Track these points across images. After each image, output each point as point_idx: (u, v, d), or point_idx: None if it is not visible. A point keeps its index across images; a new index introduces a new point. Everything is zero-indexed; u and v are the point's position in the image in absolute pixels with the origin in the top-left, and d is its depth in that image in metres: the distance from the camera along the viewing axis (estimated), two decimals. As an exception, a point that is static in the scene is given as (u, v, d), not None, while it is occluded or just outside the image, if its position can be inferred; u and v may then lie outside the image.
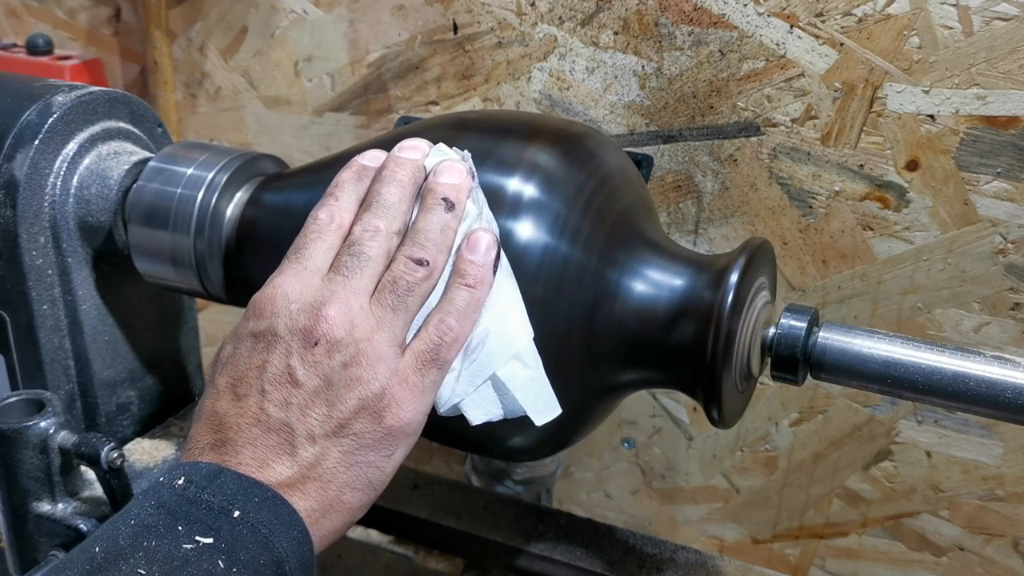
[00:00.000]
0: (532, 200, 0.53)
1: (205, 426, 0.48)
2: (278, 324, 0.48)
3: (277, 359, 0.47)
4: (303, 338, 0.47)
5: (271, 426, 0.47)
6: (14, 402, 0.60)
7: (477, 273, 0.50)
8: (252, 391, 0.47)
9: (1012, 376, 0.50)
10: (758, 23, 0.77)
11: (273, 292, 0.49)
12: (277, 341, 0.48)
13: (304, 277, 0.49)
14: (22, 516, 0.60)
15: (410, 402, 0.48)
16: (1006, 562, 0.84)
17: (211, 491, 0.44)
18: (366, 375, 0.47)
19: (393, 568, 0.90)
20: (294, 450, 0.46)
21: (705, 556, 0.74)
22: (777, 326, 0.56)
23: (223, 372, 0.49)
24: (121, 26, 1.09)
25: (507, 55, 0.88)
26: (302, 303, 0.48)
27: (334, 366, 0.47)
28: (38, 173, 0.63)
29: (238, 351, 0.49)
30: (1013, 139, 0.72)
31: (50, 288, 0.65)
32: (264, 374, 0.47)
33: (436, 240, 0.50)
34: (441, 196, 0.51)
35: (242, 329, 0.50)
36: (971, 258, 0.77)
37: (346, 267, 0.49)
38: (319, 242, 0.51)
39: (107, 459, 0.58)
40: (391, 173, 0.52)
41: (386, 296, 0.49)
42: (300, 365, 0.47)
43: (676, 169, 0.84)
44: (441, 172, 0.52)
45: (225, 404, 0.48)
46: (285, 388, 0.47)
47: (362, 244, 0.50)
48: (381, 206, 0.51)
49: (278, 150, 1.00)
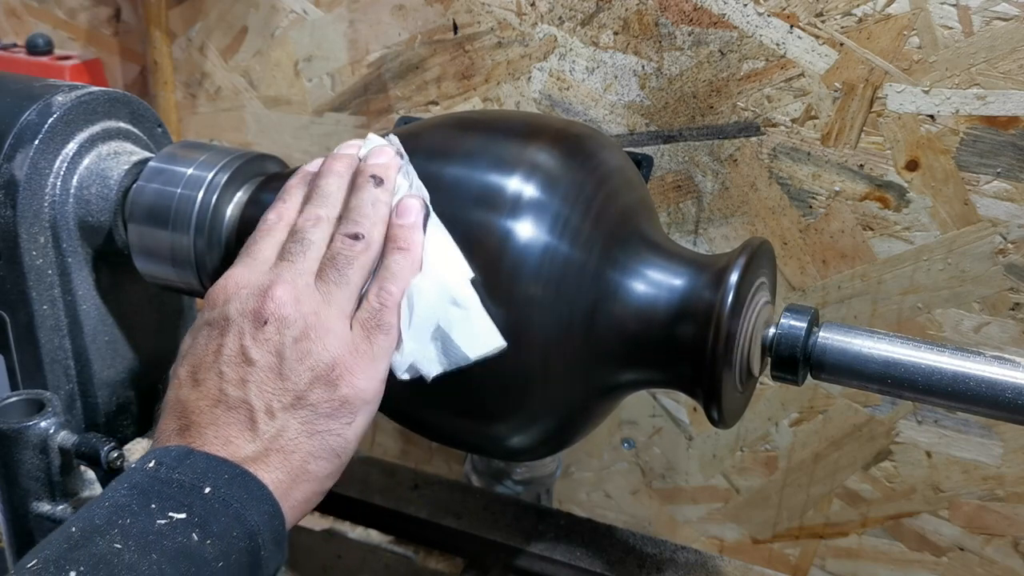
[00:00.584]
0: (532, 200, 0.53)
1: (170, 415, 0.50)
2: (230, 309, 0.51)
3: (231, 341, 0.50)
4: (254, 319, 0.50)
5: (231, 405, 0.49)
6: (14, 402, 0.60)
7: (407, 236, 0.53)
8: (210, 375, 0.50)
9: (1012, 376, 0.50)
10: (758, 23, 0.77)
11: (224, 283, 0.52)
12: (230, 325, 0.50)
13: (253, 267, 0.52)
14: (22, 516, 0.60)
15: (363, 369, 0.50)
16: (1006, 562, 0.84)
17: (181, 471, 0.46)
18: (316, 347, 0.50)
19: (393, 568, 0.90)
20: (255, 425, 0.48)
21: (705, 556, 0.74)
22: (777, 326, 0.56)
23: (183, 363, 0.52)
24: (121, 26, 1.09)
25: (507, 55, 0.88)
26: (251, 288, 0.51)
27: (285, 341, 0.49)
28: (38, 173, 0.63)
29: (196, 341, 0.52)
30: (1013, 139, 0.72)
31: (50, 288, 0.65)
32: (220, 357, 0.50)
33: (369, 214, 0.53)
34: (370, 174, 0.55)
35: (199, 321, 0.53)
36: (971, 258, 0.77)
37: (290, 253, 0.52)
38: (268, 238, 0.54)
39: (107, 459, 0.58)
40: (328, 167, 0.57)
41: (329, 273, 0.52)
42: (252, 344, 0.49)
43: (676, 169, 0.84)
44: (369, 156, 0.56)
45: (186, 391, 0.50)
46: (241, 367, 0.49)
47: (304, 232, 0.53)
48: (320, 196, 0.55)
49: (278, 150, 1.00)
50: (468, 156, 0.56)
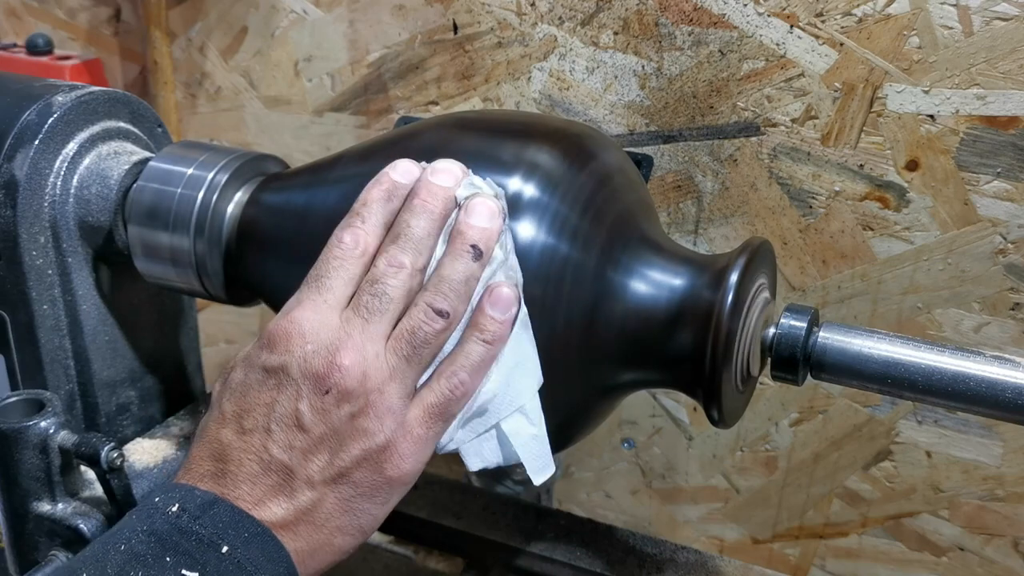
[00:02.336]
0: (532, 200, 0.53)
1: (207, 451, 0.48)
2: (291, 364, 0.47)
3: (286, 400, 0.47)
4: (315, 384, 0.47)
5: (272, 466, 0.47)
6: (14, 402, 0.60)
7: (496, 330, 0.49)
8: (258, 427, 0.47)
9: (1012, 376, 0.50)
10: (758, 23, 0.77)
11: (289, 327, 0.48)
12: (289, 382, 0.47)
13: (323, 312, 0.48)
14: (22, 516, 0.60)
15: (412, 454, 0.48)
16: (1006, 562, 0.84)
17: (203, 522, 0.44)
18: (373, 427, 0.47)
19: (393, 568, 0.90)
20: (292, 493, 0.47)
21: (705, 556, 0.74)
22: (777, 326, 0.56)
23: (231, 399, 0.49)
24: (121, 26, 1.09)
25: (507, 55, 0.88)
26: (317, 344, 0.47)
27: (342, 416, 0.47)
28: (38, 173, 0.63)
29: (248, 381, 0.49)
30: (1013, 139, 0.73)
31: (50, 288, 0.65)
32: (272, 413, 0.47)
33: (459, 291, 0.49)
34: (470, 243, 0.49)
35: (255, 358, 0.49)
36: (971, 258, 0.77)
37: (366, 308, 0.48)
38: (341, 271, 0.49)
39: (107, 459, 0.58)
40: (423, 203, 0.50)
41: (402, 345, 0.48)
42: (308, 411, 0.47)
43: (676, 169, 0.84)
44: (473, 212, 0.50)
45: (230, 434, 0.48)
46: (291, 431, 0.47)
47: (385, 283, 0.49)
48: (409, 239, 0.49)
49: (278, 150, 1.00)
50: (468, 156, 0.56)
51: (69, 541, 0.60)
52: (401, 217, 0.50)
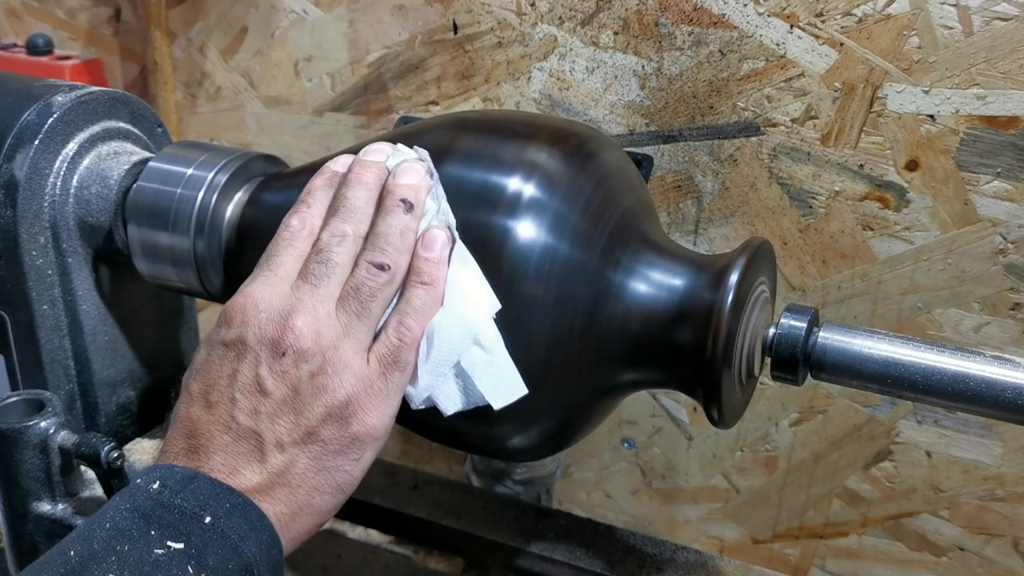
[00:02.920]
0: (532, 200, 0.53)
1: (179, 431, 0.50)
2: (247, 333, 0.49)
3: (246, 368, 0.49)
4: (271, 348, 0.49)
5: (241, 434, 0.48)
6: (14, 402, 0.60)
7: (432, 271, 0.51)
8: (223, 399, 0.49)
9: (1012, 376, 0.50)
10: (758, 23, 0.77)
11: (244, 301, 0.50)
12: (246, 351, 0.49)
13: (274, 284, 0.51)
14: (22, 516, 0.60)
15: (376, 407, 0.50)
16: (1006, 562, 0.84)
17: (184, 496, 0.45)
18: (332, 383, 0.49)
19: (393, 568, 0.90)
20: (264, 457, 0.48)
21: (705, 556, 0.74)
22: (777, 326, 0.56)
23: (196, 378, 0.51)
24: (121, 26, 1.09)
25: (507, 55, 0.88)
26: (270, 312, 0.50)
27: (301, 375, 0.48)
28: (38, 173, 0.63)
29: (210, 358, 0.51)
30: (1013, 139, 0.73)
31: (50, 288, 0.65)
32: (234, 383, 0.49)
33: (396, 243, 0.51)
34: (400, 197, 0.52)
35: (214, 336, 0.51)
36: (971, 258, 0.77)
37: (314, 275, 0.51)
38: (290, 249, 0.52)
39: (107, 459, 0.58)
40: (356, 176, 0.54)
41: (350, 303, 0.50)
42: (268, 375, 0.49)
43: (676, 169, 0.84)
44: (400, 173, 0.54)
45: (197, 411, 0.49)
46: (254, 397, 0.48)
47: (329, 251, 0.51)
48: (348, 210, 0.53)
49: (278, 150, 1.00)
50: (468, 156, 0.56)
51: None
52: (339, 192, 0.54)
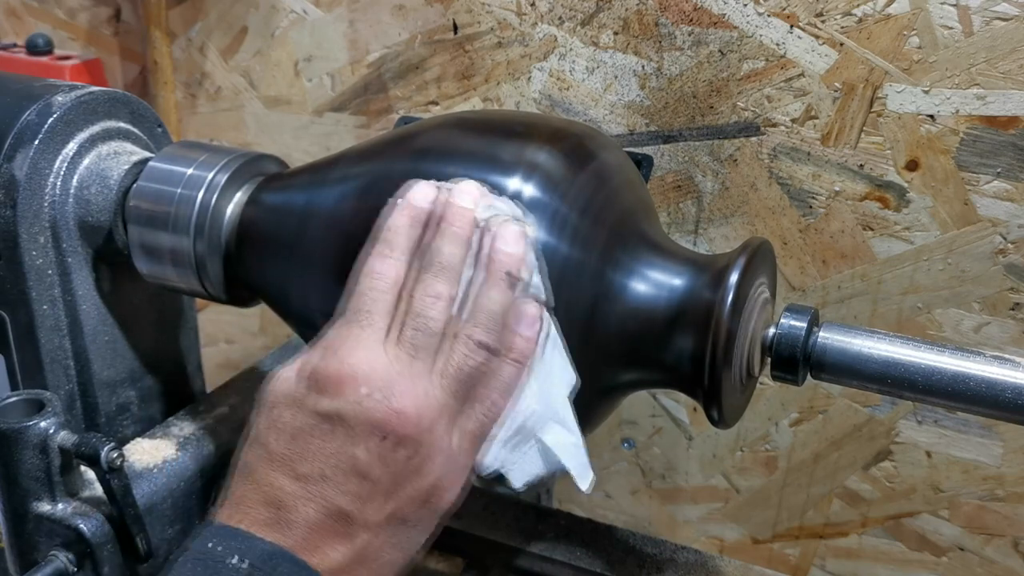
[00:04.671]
0: (532, 200, 0.53)
1: (260, 495, 0.47)
2: (347, 410, 0.46)
3: (343, 447, 0.46)
4: (371, 429, 0.46)
5: (331, 513, 0.46)
6: (14, 402, 0.60)
7: (524, 348, 0.49)
8: (314, 474, 0.47)
9: (1012, 376, 0.50)
10: (758, 23, 0.77)
11: (340, 369, 0.47)
12: (344, 428, 0.47)
13: (370, 350, 0.47)
14: (22, 516, 0.60)
15: (456, 483, 0.49)
16: (1006, 562, 0.84)
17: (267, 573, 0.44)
18: (425, 468, 0.47)
19: (393, 568, 0.90)
20: (350, 537, 0.47)
21: (705, 556, 0.74)
22: (777, 326, 0.56)
23: (281, 441, 0.47)
24: (121, 26, 1.09)
25: (507, 55, 0.88)
26: (371, 387, 0.46)
27: (398, 459, 0.47)
28: (38, 173, 0.63)
29: (300, 425, 0.47)
30: (1013, 139, 0.72)
31: (50, 288, 0.65)
32: (329, 459, 0.47)
33: (499, 321, 0.49)
34: (506, 270, 0.49)
35: (306, 401, 0.47)
36: (971, 258, 0.77)
37: (412, 343, 0.48)
38: (379, 303, 0.49)
39: (107, 459, 0.58)
40: (449, 226, 0.50)
41: (450, 382, 0.48)
42: (366, 456, 0.46)
43: (676, 169, 0.84)
44: (505, 238, 0.50)
45: (284, 479, 0.47)
46: (349, 477, 0.46)
47: (426, 316, 0.48)
48: (442, 267, 0.49)
49: (278, 150, 1.00)
50: (468, 156, 0.56)
51: (69, 541, 0.60)
52: (433, 244, 0.50)
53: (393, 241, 0.50)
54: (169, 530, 0.67)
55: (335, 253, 0.57)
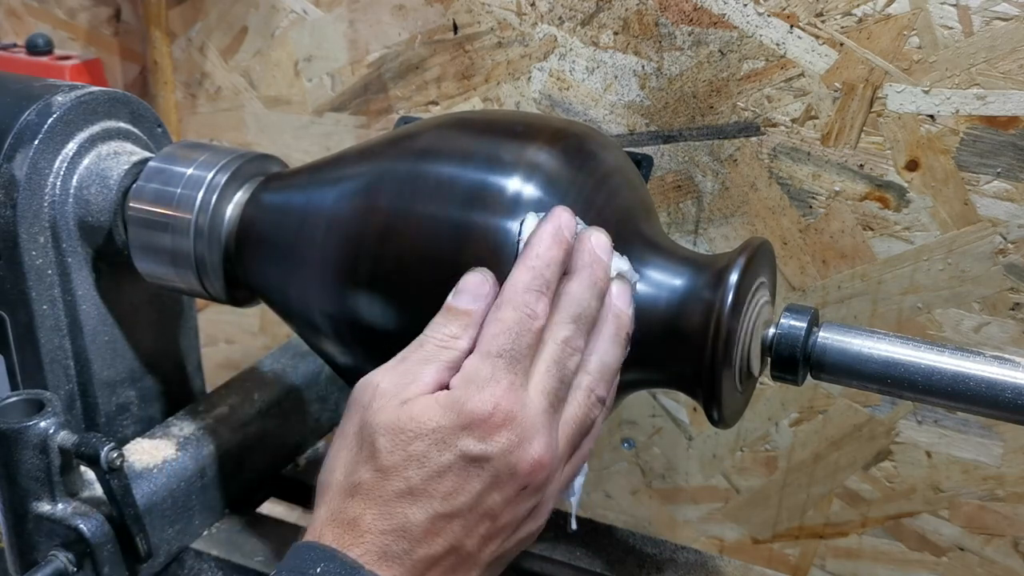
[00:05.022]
0: (532, 200, 0.53)
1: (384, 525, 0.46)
2: (494, 455, 0.46)
3: (484, 490, 0.47)
4: (513, 479, 0.47)
5: (454, 550, 0.47)
6: (14, 402, 0.60)
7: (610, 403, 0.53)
8: (450, 512, 0.46)
9: (1012, 376, 0.50)
10: (758, 23, 0.77)
11: (493, 413, 0.46)
12: (489, 473, 0.47)
13: (519, 395, 0.47)
14: (22, 516, 0.60)
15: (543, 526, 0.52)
16: (1006, 562, 0.84)
17: None
18: (539, 514, 0.50)
19: (393, 568, 0.90)
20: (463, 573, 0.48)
21: (705, 556, 0.74)
22: (777, 326, 0.56)
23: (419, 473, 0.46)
24: (121, 26, 1.09)
25: (507, 55, 0.88)
26: (520, 438, 0.47)
27: (526, 507, 0.48)
28: (38, 173, 0.63)
29: (443, 462, 0.46)
30: (1013, 139, 0.72)
31: (50, 288, 0.65)
32: (467, 500, 0.47)
33: (612, 381, 0.51)
34: (626, 331, 0.51)
35: (451, 439, 0.46)
36: (971, 258, 0.77)
37: (555, 396, 0.48)
38: (531, 346, 0.48)
39: (107, 459, 0.58)
40: (593, 276, 0.50)
41: (571, 434, 0.49)
42: (502, 503, 0.47)
43: (676, 169, 0.84)
44: (623, 299, 0.52)
45: (418, 514, 0.46)
46: (482, 520, 0.47)
47: (566, 367, 0.49)
48: (582, 319, 0.50)
49: (278, 150, 1.00)
50: (468, 156, 0.56)
51: (69, 541, 0.60)
52: (575, 291, 0.50)
53: (548, 276, 0.49)
54: (169, 530, 0.67)
55: (335, 253, 0.57)
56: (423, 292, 0.53)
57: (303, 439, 0.81)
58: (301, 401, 0.79)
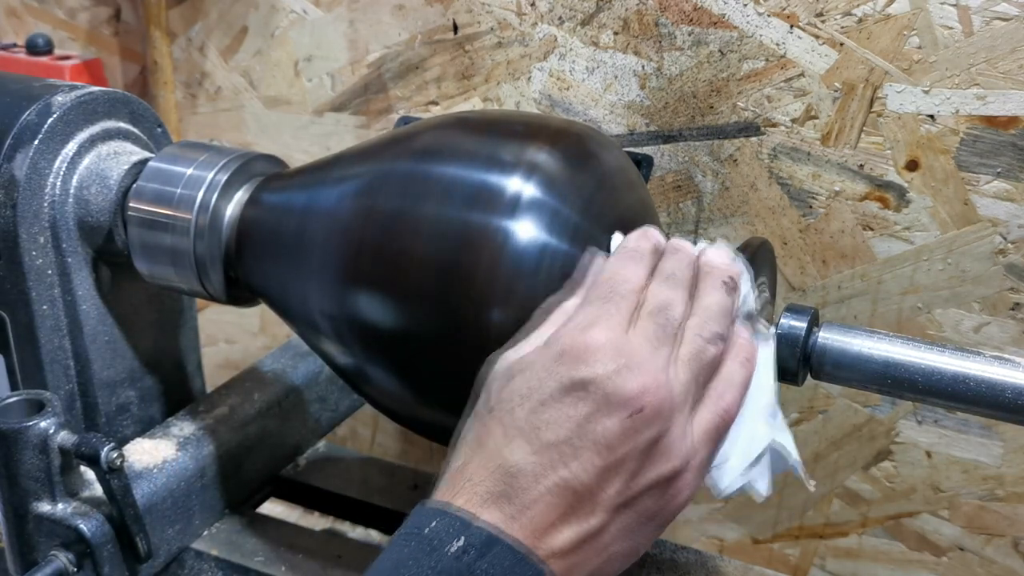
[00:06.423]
0: (532, 200, 0.53)
1: (490, 467, 0.45)
2: (597, 380, 0.45)
3: (592, 417, 0.45)
4: (622, 404, 0.45)
5: (568, 487, 0.45)
6: (14, 402, 0.60)
7: (750, 351, 0.51)
8: (558, 443, 0.45)
9: (1012, 376, 0.50)
10: (758, 23, 0.77)
11: (588, 342, 0.46)
12: (594, 399, 0.45)
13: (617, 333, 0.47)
14: (22, 516, 0.60)
15: (691, 483, 0.48)
16: (1006, 562, 0.84)
17: (483, 564, 0.43)
18: (668, 453, 0.46)
19: (393, 568, 0.89)
20: (584, 516, 0.45)
21: (705, 556, 0.74)
22: (777, 326, 0.56)
23: (522, 408, 0.46)
24: (121, 26, 1.09)
25: (507, 55, 0.88)
26: (620, 364, 0.46)
27: (645, 439, 0.45)
28: (38, 173, 0.63)
29: (547, 392, 0.46)
30: (1013, 139, 0.72)
31: (50, 288, 0.65)
32: (575, 429, 0.45)
33: (724, 318, 0.50)
34: (723, 277, 0.51)
35: (551, 370, 0.46)
36: (971, 258, 0.77)
37: (656, 337, 0.47)
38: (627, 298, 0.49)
39: (107, 459, 0.58)
40: (676, 252, 0.53)
41: (689, 370, 0.48)
42: (614, 431, 0.45)
43: (676, 169, 0.84)
44: (715, 253, 0.53)
45: (522, 451, 0.45)
46: (594, 451, 0.45)
47: (666, 314, 0.49)
48: (677, 281, 0.51)
49: (278, 150, 1.00)
50: (468, 156, 0.56)
51: (69, 541, 0.60)
52: (665, 265, 0.52)
53: (638, 258, 0.51)
54: (169, 530, 0.67)
55: (335, 253, 0.57)
56: (423, 292, 0.53)
57: (303, 439, 0.81)
58: (301, 401, 0.79)
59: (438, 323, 0.54)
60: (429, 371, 0.55)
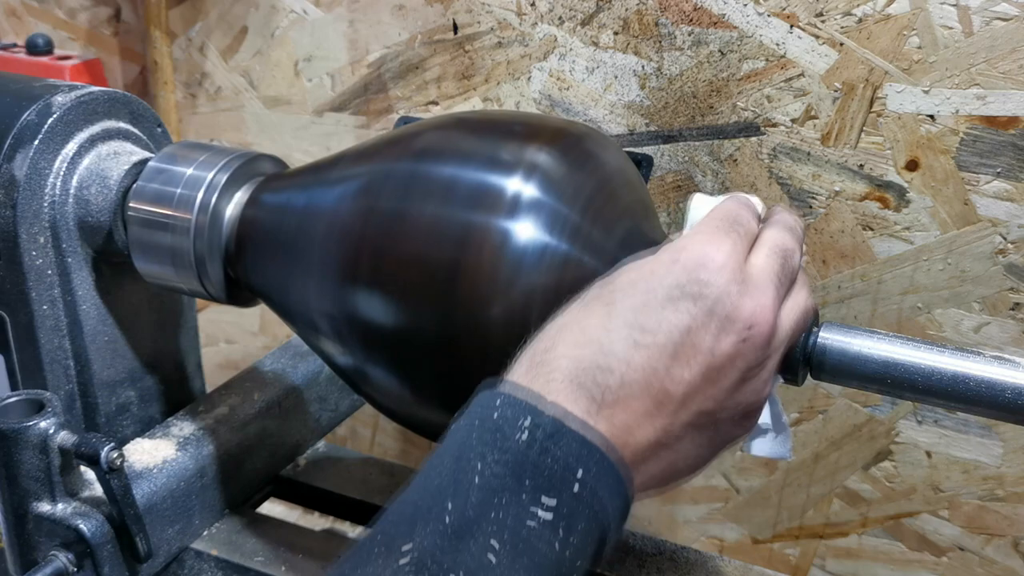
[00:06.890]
0: (531, 200, 0.53)
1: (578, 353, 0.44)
2: (710, 293, 0.44)
3: (695, 327, 0.44)
4: (730, 323, 0.44)
5: (664, 389, 0.43)
6: (14, 402, 0.60)
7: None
8: (656, 344, 0.43)
9: (1012, 376, 0.50)
10: (758, 23, 0.77)
11: (705, 254, 0.45)
12: (704, 310, 0.44)
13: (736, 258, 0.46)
14: (22, 516, 0.60)
15: (757, 417, 0.48)
16: (1006, 562, 0.84)
17: (554, 454, 0.41)
18: (757, 382, 0.46)
19: (393, 568, 0.89)
20: (667, 418, 0.44)
21: (705, 556, 0.74)
22: (777, 326, 0.56)
23: (624, 301, 0.45)
24: (121, 26, 1.09)
25: (507, 55, 0.88)
26: (740, 284, 0.45)
27: (748, 364, 0.45)
28: (38, 173, 0.63)
29: (652, 291, 0.45)
30: (1013, 139, 0.72)
31: (50, 288, 0.65)
32: (676, 334, 0.44)
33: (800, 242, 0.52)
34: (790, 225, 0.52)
35: (663, 271, 0.45)
36: (971, 258, 0.77)
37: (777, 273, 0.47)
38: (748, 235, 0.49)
39: (107, 459, 0.58)
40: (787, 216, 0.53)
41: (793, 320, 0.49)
42: (718, 345, 0.44)
43: (676, 169, 0.84)
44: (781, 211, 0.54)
45: (618, 340, 0.44)
46: (699, 363, 0.44)
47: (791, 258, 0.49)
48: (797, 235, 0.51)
49: (278, 150, 1.00)
50: (468, 156, 0.56)
51: (69, 541, 0.60)
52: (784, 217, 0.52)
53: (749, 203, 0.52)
54: (169, 530, 0.67)
55: (335, 253, 0.57)
56: (423, 292, 0.53)
57: (303, 439, 0.81)
58: (301, 401, 0.79)
59: (438, 323, 0.54)
60: (429, 371, 0.55)
